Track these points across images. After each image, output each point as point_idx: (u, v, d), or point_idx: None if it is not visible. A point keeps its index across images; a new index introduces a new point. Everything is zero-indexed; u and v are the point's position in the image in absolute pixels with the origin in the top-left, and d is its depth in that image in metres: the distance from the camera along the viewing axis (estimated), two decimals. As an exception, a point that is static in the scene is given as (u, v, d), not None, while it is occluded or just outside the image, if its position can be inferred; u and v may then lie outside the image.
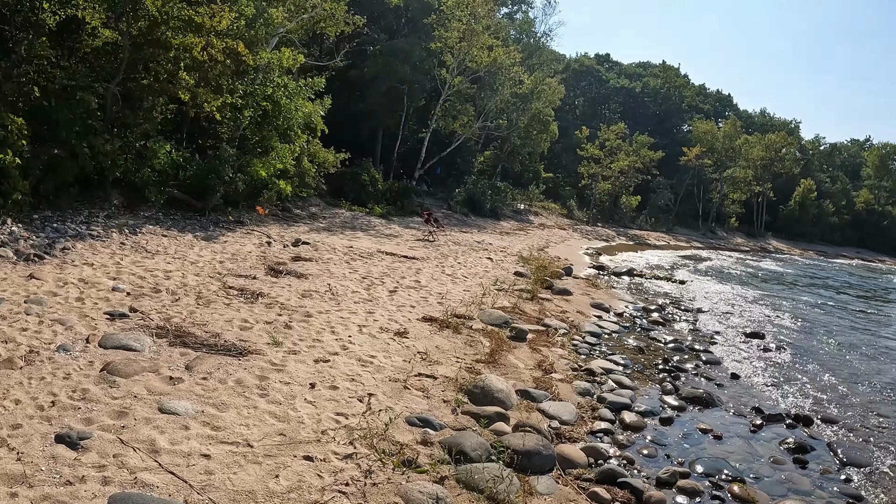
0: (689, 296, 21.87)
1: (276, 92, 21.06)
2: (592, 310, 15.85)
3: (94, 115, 16.75)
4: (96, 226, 15.42)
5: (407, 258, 18.16)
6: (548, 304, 15.03)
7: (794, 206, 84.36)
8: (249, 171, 19.61)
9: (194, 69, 18.40)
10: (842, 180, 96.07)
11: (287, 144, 21.78)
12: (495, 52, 41.98)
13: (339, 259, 16.22)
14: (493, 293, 14.24)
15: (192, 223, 18.13)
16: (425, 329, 10.25)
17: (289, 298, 10.84)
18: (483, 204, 41.21)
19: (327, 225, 23.59)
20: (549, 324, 12.67)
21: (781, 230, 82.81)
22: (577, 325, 13.52)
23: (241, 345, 7.96)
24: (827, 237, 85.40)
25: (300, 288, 11.84)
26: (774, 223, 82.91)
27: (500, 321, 11.70)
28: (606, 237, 47.11)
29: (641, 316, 16.43)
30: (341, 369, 7.65)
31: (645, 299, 19.65)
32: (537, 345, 10.96)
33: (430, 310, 11.70)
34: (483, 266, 19.40)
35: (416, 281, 14.58)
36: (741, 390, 11.02)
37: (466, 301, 13.05)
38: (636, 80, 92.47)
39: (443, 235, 26.19)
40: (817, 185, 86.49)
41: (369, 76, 38.57)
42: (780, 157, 78.02)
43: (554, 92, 51.38)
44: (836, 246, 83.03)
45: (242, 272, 12.77)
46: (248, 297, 10.59)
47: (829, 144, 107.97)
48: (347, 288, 12.50)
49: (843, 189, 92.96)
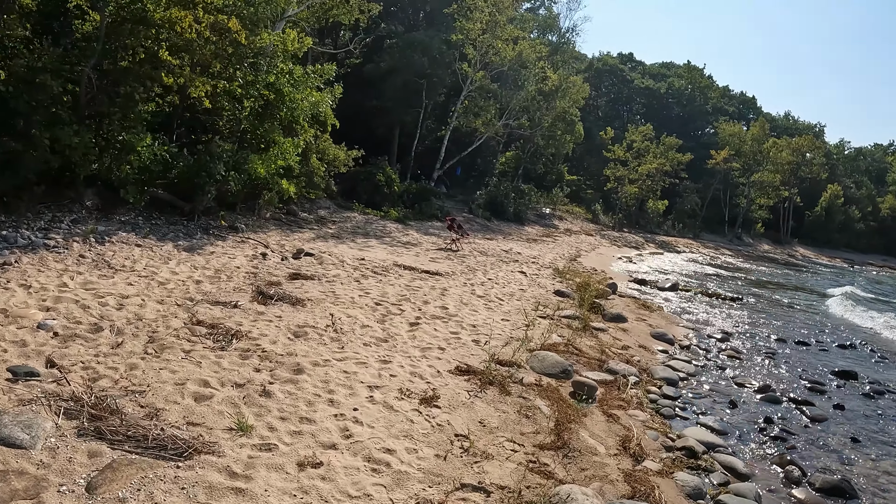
0: (749, 318, 18.97)
1: (280, 79, 18.30)
2: (655, 342, 12.99)
3: (60, 102, 14.12)
4: (57, 233, 12.76)
5: (429, 274, 15.34)
6: (603, 336, 12.18)
7: (821, 211, 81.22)
8: (246, 168, 16.86)
9: (181, 50, 15.74)
10: (867, 186, 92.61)
11: (291, 139, 19.03)
12: (520, 46, 39.25)
13: (348, 276, 13.42)
14: (537, 323, 11.42)
15: (176, 229, 15.44)
16: (461, 388, 7.42)
17: (275, 340, 8.03)
18: (506, 207, 38.31)
19: (336, 231, 20.81)
20: (614, 369, 9.83)
21: (807, 237, 79.67)
22: (646, 367, 10.68)
23: (187, 434, 5.17)
24: (853, 244, 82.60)
25: (293, 321, 9.03)
26: (800, 229, 79.68)
27: (556, 369, 8.86)
28: (636, 244, 44.06)
29: (710, 348, 13.64)
30: (339, 482, 4.83)
31: (703, 322, 16.78)
32: (611, 406, 8.12)
33: (464, 353, 8.87)
34: (517, 283, 16.55)
35: (443, 307, 11.72)
36: (871, 466, 8.23)
37: (508, 335, 10.24)
38: (661, 81, 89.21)
39: (467, 244, 23.35)
40: (843, 190, 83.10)
41: (385, 69, 35.79)
42: (808, 162, 74.78)
43: (579, 90, 48.42)
44: (861, 253, 79.93)
45: (222, 297, 9.99)
46: (220, 338, 7.79)
47: (853, 149, 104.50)
48: (355, 320, 9.66)
49: (869, 195, 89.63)
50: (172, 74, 15.41)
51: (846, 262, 66.92)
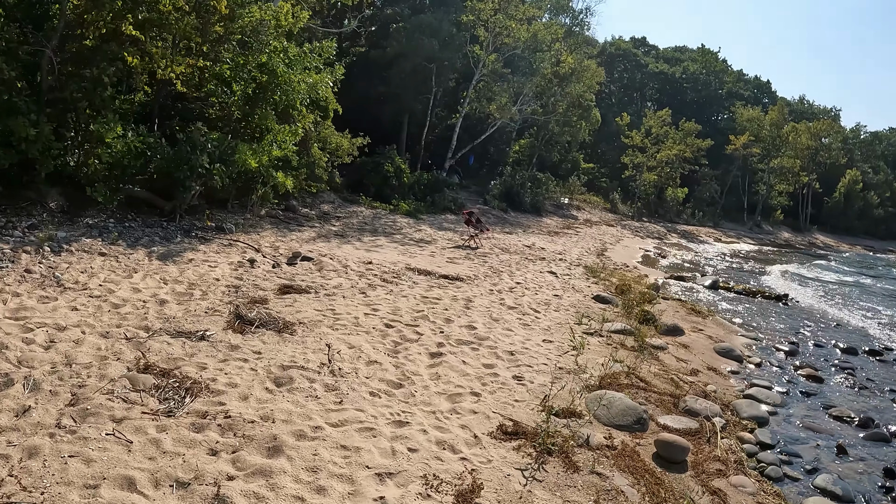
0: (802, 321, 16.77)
1: (273, 59, 16.10)
2: (722, 360, 10.79)
3: (14, 88, 12.02)
4: (6, 242, 10.68)
5: (448, 279, 13.11)
6: (664, 356, 9.97)
7: (840, 198, 78.50)
8: (235, 160, 14.68)
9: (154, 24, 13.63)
10: (883, 171, 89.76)
11: (288, 126, 16.86)
12: (535, 26, 36.90)
13: (352, 286, 11.22)
14: (586, 343, 9.21)
15: (152, 232, 13.30)
16: (511, 464, 5.20)
17: (248, 394, 5.83)
18: (523, 198, 36.01)
19: (341, 228, 18.61)
20: (694, 408, 7.61)
21: (826, 223, 77.02)
22: (727, 401, 8.49)
23: None
24: (871, 231, 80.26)
25: (277, 359, 6.83)
26: (819, 216, 76.98)
27: (628, 418, 6.65)
28: (658, 234, 41.65)
29: (782, 365, 11.49)
30: None
31: (758, 328, 14.60)
32: (707, 472, 5.92)
33: (506, 399, 6.65)
34: (549, 286, 14.32)
35: (470, 326, 9.49)
36: None
37: (555, 364, 8.04)
38: (675, 65, 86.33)
39: (486, 240, 21.11)
40: (861, 175, 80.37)
41: (392, 54, 33.45)
42: (827, 147, 72.03)
43: (593, 75, 45.93)
44: (881, 240, 77.50)
45: (188, 324, 7.83)
46: (171, 394, 5.62)
47: (869, 133, 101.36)
48: (359, 353, 7.42)
49: (886, 180, 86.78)
50: (143, 54, 13.34)
51: (867, 250, 64.23)
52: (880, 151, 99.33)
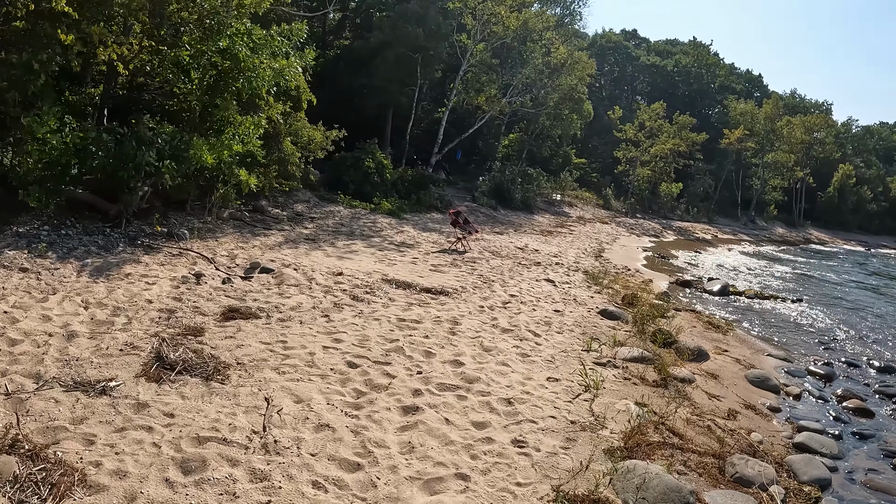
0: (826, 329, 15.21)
1: (235, 43, 14.21)
2: (758, 393, 9.08)
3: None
4: None
5: (431, 293, 11.30)
6: (693, 391, 8.21)
7: (833, 192, 77.10)
8: (188, 156, 12.81)
9: (92, 1, 11.80)
10: (876, 165, 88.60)
11: (251, 116, 15.02)
12: (525, 14, 35.09)
13: (313, 306, 9.39)
14: (599, 380, 7.45)
15: (91, 240, 11.46)
16: None
17: (136, 491, 4.03)
18: (513, 194, 34.18)
19: (313, 231, 16.76)
20: (746, 476, 5.88)
21: (820, 219, 75.68)
22: (778, 456, 6.78)
23: None
24: (865, 226, 78.87)
25: (192, 427, 5.00)
26: (812, 211, 75.60)
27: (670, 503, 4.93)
28: (654, 231, 39.92)
29: (824, 395, 9.88)
30: None
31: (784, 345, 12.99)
32: None
33: (502, 482, 4.83)
34: (547, 298, 12.53)
35: (456, 359, 7.66)
36: None
37: (566, 418, 6.30)
38: (666, 58, 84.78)
39: (475, 241, 19.29)
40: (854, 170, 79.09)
41: (376, 44, 31.56)
42: (821, 141, 70.65)
43: (585, 67, 44.09)
44: (875, 235, 76.33)
45: (94, 367, 6.01)
46: (30, 493, 3.85)
47: (860, 127, 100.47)
48: (307, 412, 5.56)
49: (878, 174, 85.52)
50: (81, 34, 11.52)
51: (861, 245, 62.79)
52: (872, 146, 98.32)
